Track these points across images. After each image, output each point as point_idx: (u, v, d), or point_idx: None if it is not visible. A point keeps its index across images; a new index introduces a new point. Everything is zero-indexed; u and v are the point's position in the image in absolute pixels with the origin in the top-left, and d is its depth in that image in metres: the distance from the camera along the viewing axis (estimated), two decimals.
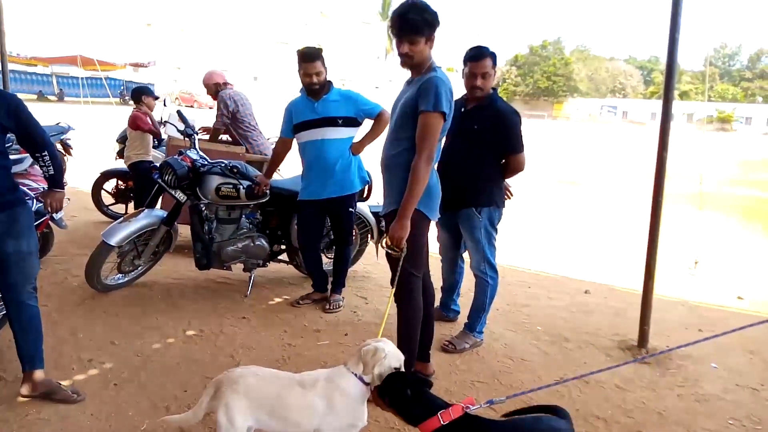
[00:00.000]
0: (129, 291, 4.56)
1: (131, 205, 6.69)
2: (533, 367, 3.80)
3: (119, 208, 6.85)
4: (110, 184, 6.86)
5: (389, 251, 3.02)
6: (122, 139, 6.74)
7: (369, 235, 5.27)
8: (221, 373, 2.43)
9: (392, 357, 2.38)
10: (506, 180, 3.99)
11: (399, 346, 3.18)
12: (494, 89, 3.80)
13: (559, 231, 8.56)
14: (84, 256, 4.43)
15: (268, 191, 4.63)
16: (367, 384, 2.37)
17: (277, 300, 4.71)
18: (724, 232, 8.75)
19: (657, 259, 4.07)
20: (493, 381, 3.56)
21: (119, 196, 6.85)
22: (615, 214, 10.30)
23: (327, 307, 4.53)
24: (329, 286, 4.70)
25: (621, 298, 5.31)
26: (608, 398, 3.38)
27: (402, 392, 2.21)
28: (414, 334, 3.17)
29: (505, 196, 4.01)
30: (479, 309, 3.98)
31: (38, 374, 2.97)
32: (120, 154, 6.82)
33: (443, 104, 2.90)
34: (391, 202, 3.11)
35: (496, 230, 3.89)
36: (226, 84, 6.00)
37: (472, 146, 3.74)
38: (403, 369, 2.42)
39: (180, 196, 4.43)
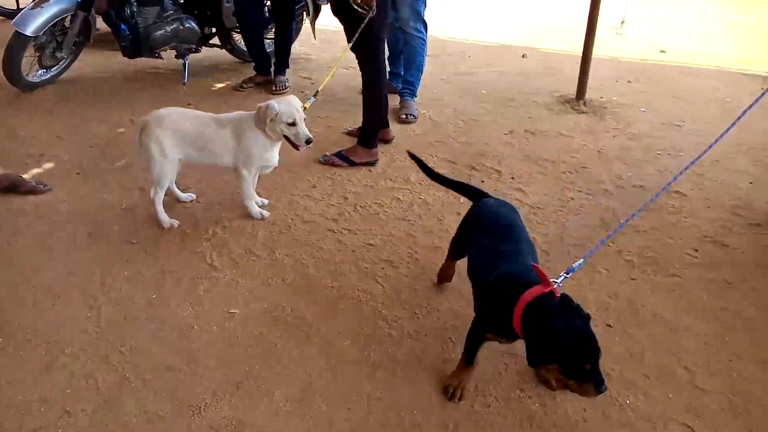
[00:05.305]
0: (55, 88, 4.22)
1: None
2: (483, 125, 4.00)
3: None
4: None
5: (359, 9, 2.93)
6: None
7: (304, 12, 4.96)
8: None
9: (285, 115, 2.49)
10: None
11: (367, 108, 3.26)
12: None
13: (488, 2, 8.39)
14: None
15: None
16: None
17: (219, 86, 4.54)
18: None
19: (599, 16, 4.16)
20: (449, 140, 3.74)
21: None
22: None
23: (273, 89, 4.42)
24: (272, 68, 4.54)
25: (555, 60, 5.49)
26: (554, 143, 3.68)
27: None
28: (382, 94, 3.21)
29: None
30: (419, 69, 4.05)
31: None
32: None
33: None
34: None
35: None
36: None
37: None
38: (300, 125, 2.50)
39: None
